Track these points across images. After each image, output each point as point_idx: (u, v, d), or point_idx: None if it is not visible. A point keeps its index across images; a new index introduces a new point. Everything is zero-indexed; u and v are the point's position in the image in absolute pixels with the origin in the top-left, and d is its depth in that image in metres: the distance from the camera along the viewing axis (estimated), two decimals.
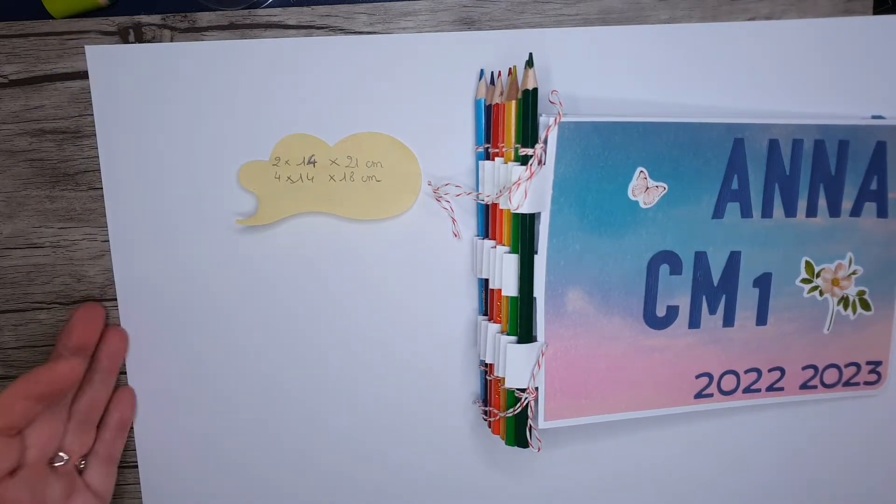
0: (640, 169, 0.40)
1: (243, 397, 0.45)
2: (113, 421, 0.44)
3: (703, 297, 0.42)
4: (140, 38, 0.42)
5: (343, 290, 0.44)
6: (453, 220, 0.43)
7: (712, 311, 0.43)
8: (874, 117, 0.42)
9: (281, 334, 0.45)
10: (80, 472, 0.43)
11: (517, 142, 0.39)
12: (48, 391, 0.38)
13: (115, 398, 0.44)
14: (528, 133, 0.39)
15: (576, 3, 0.42)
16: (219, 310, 0.45)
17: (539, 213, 0.39)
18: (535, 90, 0.39)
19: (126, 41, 0.42)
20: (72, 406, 0.42)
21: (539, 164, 0.39)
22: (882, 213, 0.43)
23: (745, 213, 0.42)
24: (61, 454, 0.41)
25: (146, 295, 0.44)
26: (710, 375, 0.43)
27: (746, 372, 0.43)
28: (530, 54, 0.40)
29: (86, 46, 0.42)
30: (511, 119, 0.39)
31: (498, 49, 0.42)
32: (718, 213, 0.41)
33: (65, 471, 0.41)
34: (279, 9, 0.42)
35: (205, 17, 0.42)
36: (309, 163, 0.43)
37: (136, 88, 0.42)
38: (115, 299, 0.44)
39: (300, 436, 0.46)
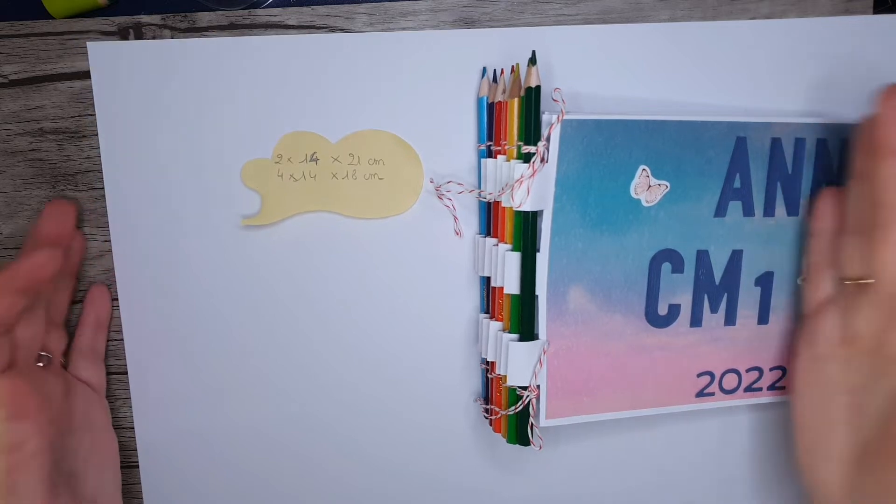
0: (642, 167, 0.40)
1: (245, 397, 0.45)
2: (90, 318, 0.44)
3: (705, 296, 0.42)
4: (140, 38, 0.42)
5: (344, 289, 0.44)
6: (455, 219, 0.43)
7: (714, 309, 0.42)
8: None
9: (282, 333, 0.45)
10: (65, 368, 0.43)
11: (520, 139, 0.39)
12: (29, 283, 0.36)
13: (89, 296, 0.44)
14: (531, 130, 0.39)
15: (576, 3, 0.42)
16: (219, 309, 0.45)
17: (541, 211, 0.39)
18: (538, 88, 0.39)
19: (126, 41, 0.42)
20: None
21: (542, 161, 0.39)
22: None
23: (748, 211, 0.42)
24: (44, 353, 0.41)
25: (148, 294, 0.44)
26: (711, 374, 0.43)
27: (748, 371, 0.43)
28: (533, 52, 0.40)
29: (88, 43, 0.42)
30: (513, 117, 0.39)
31: (500, 47, 0.42)
32: (720, 211, 0.41)
33: (54, 368, 0.41)
34: (279, 9, 0.42)
35: (205, 17, 0.42)
36: (311, 160, 0.43)
37: (138, 86, 0.42)
38: (117, 299, 0.44)
39: (301, 434, 0.46)
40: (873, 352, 0.36)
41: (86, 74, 0.42)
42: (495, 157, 0.41)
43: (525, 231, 0.39)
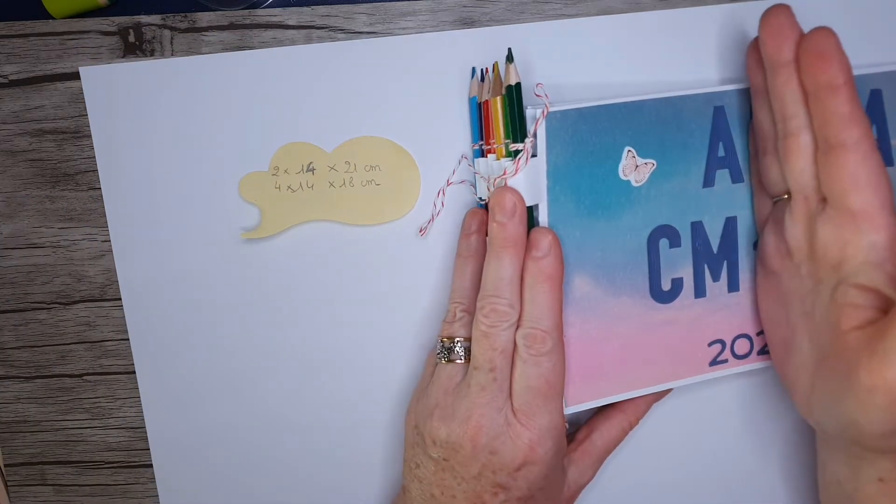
0: (627, 148, 0.41)
1: (251, 397, 0.45)
2: None
3: (705, 266, 0.43)
4: (140, 38, 0.42)
5: (345, 295, 0.44)
6: (431, 219, 0.44)
7: (716, 278, 0.43)
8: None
9: (286, 342, 0.44)
10: None
11: (506, 137, 0.40)
12: None
13: None
14: (516, 128, 0.39)
15: (576, 3, 0.44)
16: (225, 313, 0.44)
17: (536, 205, 0.40)
18: (518, 84, 0.39)
19: (126, 41, 0.42)
20: None
21: (530, 157, 0.39)
22: (887, 161, 0.41)
23: (736, 178, 0.43)
24: None
25: (149, 295, 0.43)
26: (722, 342, 0.43)
27: (758, 334, 0.43)
28: (509, 49, 0.40)
29: (80, 68, 0.42)
30: (498, 115, 0.40)
31: (488, 47, 0.43)
32: (708, 181, 0.42)
33: None
34: (279, 9, 0.43)
35: (205, 17, 0.43)
36: (308, 170, 0.43)
37: (133, 105, 0.42)
38: (117, 299, 0.43)
39: (308, 434, 0.45)
40: (808, 260, 0.36)
41: None
42: (486, 157, 0.41)
43: None
